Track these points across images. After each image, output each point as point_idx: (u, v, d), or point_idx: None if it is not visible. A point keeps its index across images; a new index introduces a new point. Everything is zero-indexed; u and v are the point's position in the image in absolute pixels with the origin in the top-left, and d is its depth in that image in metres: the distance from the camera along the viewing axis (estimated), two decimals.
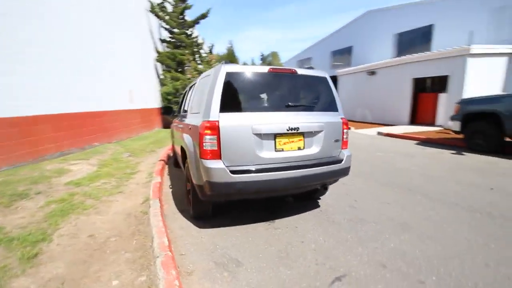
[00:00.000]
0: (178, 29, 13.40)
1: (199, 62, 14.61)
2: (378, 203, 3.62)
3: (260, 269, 2.20)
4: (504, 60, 12.20)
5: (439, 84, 13.10)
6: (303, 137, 2.78)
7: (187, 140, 2.95)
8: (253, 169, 2.53)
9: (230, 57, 29.32)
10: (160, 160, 6.14)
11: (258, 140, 2.59)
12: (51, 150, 5.92)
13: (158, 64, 13.26)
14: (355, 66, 18.66)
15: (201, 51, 15.37)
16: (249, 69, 2.74)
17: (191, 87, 4.14)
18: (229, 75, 2.60)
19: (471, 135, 6.71)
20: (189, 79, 13.16)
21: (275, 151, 2.66)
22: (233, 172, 2.46)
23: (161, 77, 13.32)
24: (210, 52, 17.11)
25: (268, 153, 2.63)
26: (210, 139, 2.49)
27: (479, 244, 2.54)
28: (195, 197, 2.91)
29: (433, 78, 13.43)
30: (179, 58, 12.93)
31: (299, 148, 2.76)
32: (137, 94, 10.59)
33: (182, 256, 2.40)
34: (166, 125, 13.53)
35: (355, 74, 17.36)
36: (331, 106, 3.04)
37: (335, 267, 2.21)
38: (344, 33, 22.64)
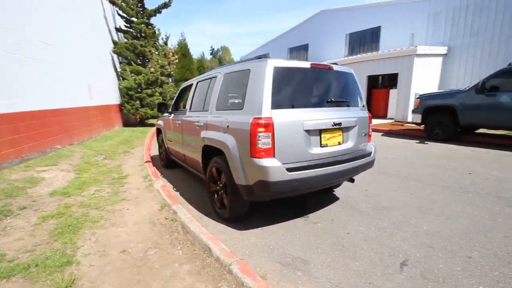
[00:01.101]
0: (136, 17, 12.29)
1: (158, 54, 13.68)
2: (386, 191, 3.93)
3: (328, 264, 2.23)
4: (440, 59, 14.19)
5: (390, 81, 14.62)
6: (342, 132, 2.86)
7: (224, 138, 2.76)
8: (306, 165, 2.52)
9: (183, 51, 28.05)
10: (147, 161, 5.65)
11: (307, 136, 2.58)
12: (9, 156, 4.95)
13: (115, 56, 12.02)
14: None
15: (157, 42, 14.39)
16: (294, 64, 2.69)
17: (199, 82, 3.88)
18: (276, 70, 2.52)
19: (431, 126, 7.69)
20: (152, 73, 12.24)
21: (321, 146, 2.69)
22: (289, 170, 2.41)
23: (119, 70, 12.11)
24: (165, 44, 16.12)
25: (316, 149, 2.64)
26: (264, 136, 2.39)
27: (489, 220, 2.96)
28: (234, 199, 2.78)
29: (384, 75, 14.91)
30: (140, 49, 11.90)
31: (339, 143, 2.84)
32: (96, 89, 9.45)
33: (242, 260, 2.28)
34: (127, 123, 12.41)
35: None
36: (357, 101, 3.19)
37: (393, 253, 2.36)
38: (300, 30, 23.53)
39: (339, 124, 2.76)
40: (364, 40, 19.01)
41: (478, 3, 13.43)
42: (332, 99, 2.84)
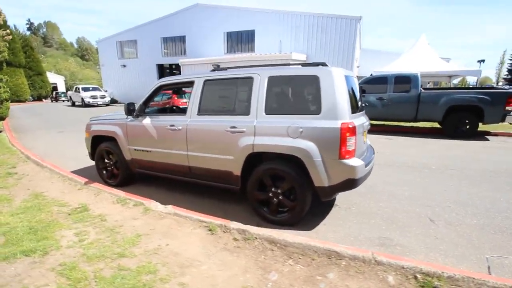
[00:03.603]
0: None
1: None
2: (409, 178, 4.78)
3: (411, 237, 2.82)
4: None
5: None
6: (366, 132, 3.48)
7: (299, 144, 2.70)
8: (366, 161, 2.96)
9: None
10: (87, 182, 4.18)
11: (361, 136, 3.01)
12: None
13: None
14: (194, 58, 19.40)
15: None
16: (349, 73, 3.00)
17: (208, 80, 3.34)
18: (345, 78, 2.77)
19: None
20: None
21: (363, 143, 3.20)
22: (365, 166, 2.79)
23: None
24: None
25: (363, 146, 3.12)
26: (351, 139, 2.62)
27: (500, 195, 3.86)
28: (303, 202, 2.84)
29: None
30: None
31: (364, 142, 3.43)
32: None
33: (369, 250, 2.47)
34: None
35: (201, 66, 18.14)
36: None
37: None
38: (175, 20, 22.35)
39: (367, 125, 3.37)
40: (241, 40, 20.68)
41: (323, 24, 17.73)
42: (359, 105, 3.39)
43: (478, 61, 32.52)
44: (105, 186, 4.04)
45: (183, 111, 4.65)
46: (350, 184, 2.69)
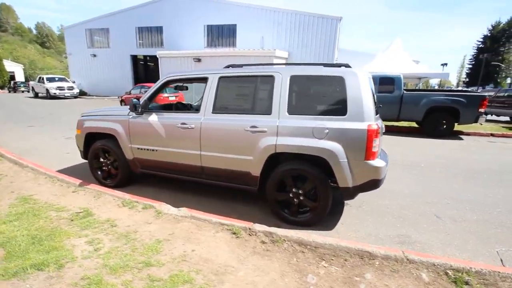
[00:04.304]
0: None
1: None
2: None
3: (425, 233, 2.96)
4: (284, 61, 17.76)
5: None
6: None
7: (324, 145, 2.69)
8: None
9: None
10: (81, 184, 3.85)
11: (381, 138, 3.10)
12: None
13: None
14: (173, 50, 18.66)
15: None
16: (370, 75, 3.04)
17: (223, 77, 3.21)
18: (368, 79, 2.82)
19: None
20: None
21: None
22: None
23: None
24: None
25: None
26: (376, 140, 2.67)
27: (488, 191, 4.18)
28: (326, 202, 2.86)
29: None
30: None
31: None
32: None
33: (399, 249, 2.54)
34: None
35: (181, 59, 17.51)
36: None
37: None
38: (151, 10, 21.30)
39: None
40: (223, 34, 20.28)
41: (304, 22, 17.93)
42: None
43: (442, 64, 35.19)
44: (104, 187, 3.75)
45: (187, 107, 4.47)
46: (373, 184, 2.75)
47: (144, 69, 27.33)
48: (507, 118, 11.89)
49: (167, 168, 3.58)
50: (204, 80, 3.34)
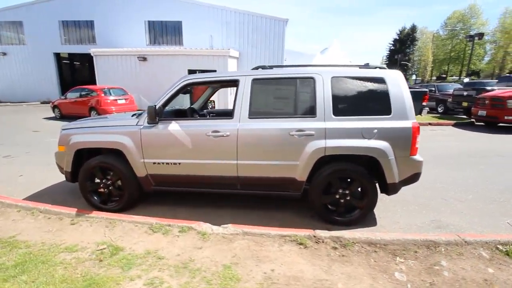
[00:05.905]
0: None
1: None
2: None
3: (449, 216, 3.30)
4: (235, 61, 17.69)
5: None
6: None
7: (375, 144, 2.76)
8: None
9: None
10: (78, 211, 3.13)
11: None
12: None
13: None
14: (108, 48, 16.66)
15: None
16: None
17: (257, 79, 2.98)
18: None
19: None
20: None
21: None
22: None
23: None
24: None
25: None
26: (418, 137, 2.88)
27: (467, 173, 4.96)
28: (372, 199, 2.97)
29: (204, 70, 16.24)
30: None
31: None
32: None
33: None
34: None
35: (122, 57, 15.74)
36: None
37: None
38: (77, 1, 18.52)
39: None
40: (167, 31, 19.02)
41: (254, 22, 18.14)
42: None
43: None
44: (113, 214, 3.12)
45: (197, 113, 4.04)
46: (415, 177, 2.97)
47: (70, 69, 23.70)
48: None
49: (192, 182, 3.19)
50: (234, 82, 3.07)
